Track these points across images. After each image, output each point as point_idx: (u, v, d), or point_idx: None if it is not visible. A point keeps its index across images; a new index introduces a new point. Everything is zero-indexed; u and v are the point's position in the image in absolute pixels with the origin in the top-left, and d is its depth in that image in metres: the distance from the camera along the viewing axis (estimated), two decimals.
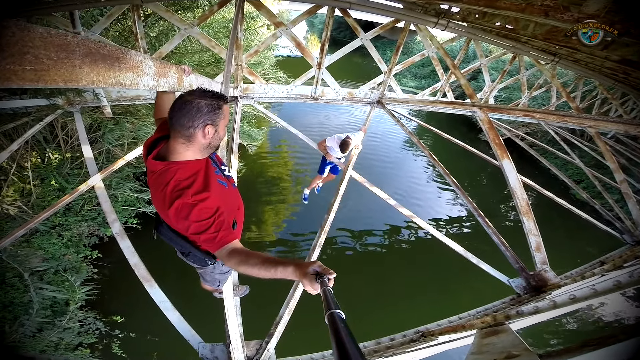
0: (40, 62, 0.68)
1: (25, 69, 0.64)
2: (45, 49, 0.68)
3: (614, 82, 5.29)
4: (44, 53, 0.68)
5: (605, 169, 6.12)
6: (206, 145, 1.20)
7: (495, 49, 12.75)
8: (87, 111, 4.21)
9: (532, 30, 3.95)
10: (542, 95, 9.57)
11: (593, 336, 0.76)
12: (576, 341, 0.81)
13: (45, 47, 0.68)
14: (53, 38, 0.72)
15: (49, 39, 0.70)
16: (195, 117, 1.12)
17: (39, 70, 0.67)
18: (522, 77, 6.74)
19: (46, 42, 0.69)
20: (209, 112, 1.14)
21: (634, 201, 4.01)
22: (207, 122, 1.14)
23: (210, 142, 1.20)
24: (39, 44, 0.66)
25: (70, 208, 4.34)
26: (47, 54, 0.69)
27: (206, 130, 1.15)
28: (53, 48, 0.71)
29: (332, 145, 3.93)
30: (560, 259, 6.09)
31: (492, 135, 3.50)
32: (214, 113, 1.15)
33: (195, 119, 1.12)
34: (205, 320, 2.71)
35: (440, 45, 4.48)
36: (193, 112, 1.12)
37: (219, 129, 1.19)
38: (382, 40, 20.38)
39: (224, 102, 1.19)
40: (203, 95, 1.15)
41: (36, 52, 0.67)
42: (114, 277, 4.49)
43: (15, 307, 3.26)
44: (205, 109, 1.13)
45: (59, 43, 0.73)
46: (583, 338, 0.81)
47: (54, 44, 0.71)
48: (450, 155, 9.96)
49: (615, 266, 2.15)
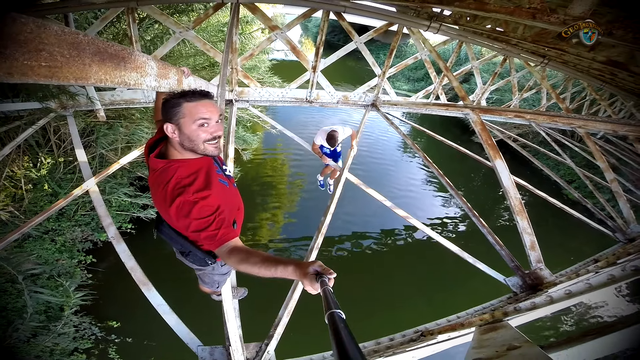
0: (54, 59, 0.69)
1: (40, 65, 0.65)
2: (59, 46, 0.69)
3: (602, 83, 5.41)
4: (57, 50, 0.69)
5: (596, 168, 6.22)
6: (180, 143, 1.17)
7: (486, 51, 12.98)
8: (81, 115, 4.16)
9: (522, 33, 4.04)
10: (532, 97, 9.74)
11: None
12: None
13: (59, 45, 0.69)
14: (66, 36, 0.73)
15: (62, 37, 0.71)
16: (163, 115, 1.16)
17: (52, 66, 0.69)
18: (512, 79, 6.85)
19: (60, 39, 0.70)
20: (167, 110, 1.15)
21: (624, 200, 4.09)
22: (166, 120, 1.16)
23: (181, 141, 1.17)
24: (54, 41, 0.68)
25: (64, 213, 4.29)
26: (61, 51, 0.70)
27: (166, 128, 1.16)
28: (66, 46, 0.72)
29: (321, 140, 4.06)
30: (554, 258, 6.17)
31: (485, 137, 3.55)
32: (171, 111, 1.14)
33: (163, 118, 1.16)
34: (204, 323, 2.68)
35: (433, 48, 4.54)
36: (162, 111, 1.16)
37: (182, 127, 1.14)
38: (376, 44, 20.57)
39: (186, 100, 1.14)
40: (182, 94, 1.16)
41: (51, 49, 0.68)
42: (108, 282, 4.44)
43: (9, 312, 3.21)
44: (168, 107, 1.15)
45: (71, 41, 0.75)
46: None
47: (67, 42, 0.73)
48: (444, 157, 10.05)
49: (609, 263, 2.19)
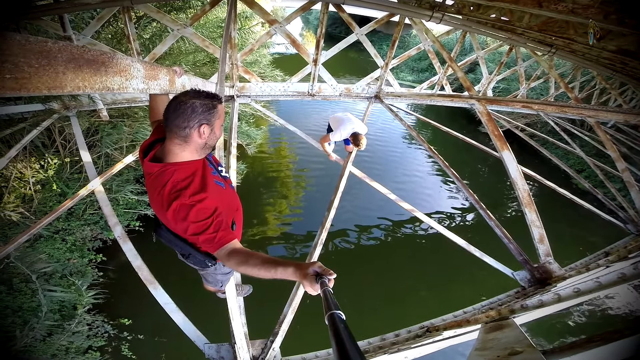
0: (21, 69, 0.66)
1: (5, 78, 0.62)
2: (24, 56, 0.67)
3: (612, 72, 5.25)
4: (23, 61, 0.67)
5: (607, 157, 6.09)
6: (202, 145, 1.19)
7: (491, 40, 12.67)
8: (84, 115, 4.18)
9: (528, 22, 3.93)
10: (540, 86, 9.51)
11: (599, 332, 0.76)
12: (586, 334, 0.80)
13: (25, 55, 0.67)
14: (32, 45, 0.70)
15: (27, 46, 0.69)
16: (190, 117, 1.12)
17: (20, 78, 0.66)
18: (519, 69, 6.69)
19: (25, 49, 0.68)
20: (204, 112, 1.14)
21: (636, 190, 4.00)
22: (202, 121, 1.14)
23: (207, 142, 1.20)
24: (17, 51, 0.65)
25: (73, 212, 4.35)
26: (27, 61, 0.68)
27: (202, 130, 1.15)
28: (33, 55, 0.70)
29: (340, 136, 3.77)
30: (564, 250, 6.09)
31: (491, 127, 3.48)
32: (209, 112, 1.15)
33: (191, 119, 1.12)
34: (210, 321, 2.71)
35: (436, 38, 4.45)
36: (188, 112, 1.12)
37: (214, 129, 1.19)
38: (378, 35, 20.24)
39: (219, 102, 1.19)
40: (197, 95, 1.15)
41: (15, 60, 0.65)
42: (119, 280, 4.50)
43: (25, 312, 3.30)
44: (200, 109, 1.13)
45: (38, 50, 0.72)
46: (592, 332, 0.80)
47: (33, 51, 0.70)
48: (450, 148, 9.92)
49: (620, 257, 2.14)
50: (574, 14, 2.35)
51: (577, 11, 2.31)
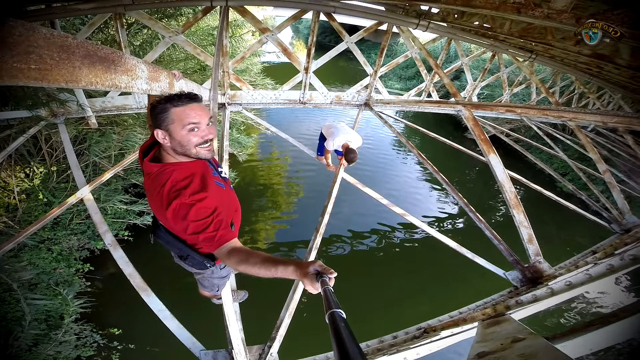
0: (44, 61, 0.69)
1: (30, 68, 0.65)
2: (48, 49, 0.69)
3: (589, 76, 5.49)
4: (47, 53, 0.69)
5: (589, 161, 6.31)
6: (172, 148, 1.16)
7: (475, 48, 13.07)
8: (72, 122, 4.11)
9: (509, 28, 4.09)
10: (522, 91, 9.82)
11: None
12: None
13: (49, 48, 0.69)
14: (55, 39, 0.73)
15: (51, 40, 0.71)
16: (152, 121, 1.15)
17: (42, 69, 0.68)
18: (502, 75, 6.92)
19: (49, 42, 0.70)
20: (156, 116, 1.13)
21: (618, 190, 4.15)
22: (155, 126, 1.15)
23: (173, 146, 1.16)
24: (43, 44, 0.68)
25: (59, 222, 4.23)
26: (50, 54, 0.70)
27: (158, 134, 1.14)
28: (55, 48, 0.72)
29: (334, 145, 3.69)
30: (552, 251, 6.22)
31: (478, 132, 3.57)
32: (159, 117, 1.13)
33: (152, 123, 1.15)
34: (206, 327, 2.66)
35: (423, 46, 4.58)
36: (151, 116, 1.15)
37: (172, 133, 1.13)
38: (367, 44, 20.64)
39: (174, 105, 1.12)
40: (167, 98, 1.14)
41: (40, 51, 0.68)
42: (108, 289, 4.41)
43: (9, 322, 3.19)
44: (155, 112, 1.13)
45: (60, 44, 0.74)
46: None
47: (56, 45, 0.72)
48: (438, 154, 10.09)
49: (607, 254, 2.21)
50: (549, 19, 2.47)
51: (552, 16, 2.43)
